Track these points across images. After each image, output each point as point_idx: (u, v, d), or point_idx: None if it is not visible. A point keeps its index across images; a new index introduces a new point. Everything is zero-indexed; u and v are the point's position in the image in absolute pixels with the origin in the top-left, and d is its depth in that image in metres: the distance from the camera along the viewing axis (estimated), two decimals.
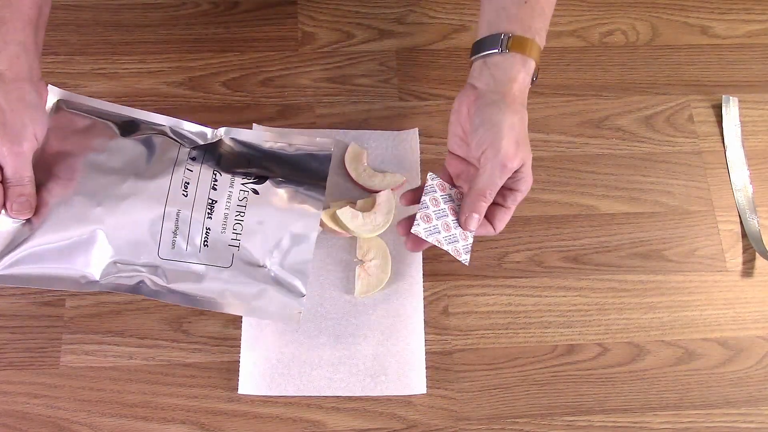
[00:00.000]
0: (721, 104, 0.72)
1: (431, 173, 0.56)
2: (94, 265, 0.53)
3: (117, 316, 0.61)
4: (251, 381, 0.59)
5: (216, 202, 0.55)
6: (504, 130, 0.51)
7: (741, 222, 0.67)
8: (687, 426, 0.60)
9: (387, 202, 0.63)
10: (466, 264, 0.55)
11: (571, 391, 0.61)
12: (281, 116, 0.68)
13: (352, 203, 0.63)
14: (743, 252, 0.66)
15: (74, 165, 0.54)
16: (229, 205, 0.55)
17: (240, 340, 0.60)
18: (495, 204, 0.55)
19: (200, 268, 0.54)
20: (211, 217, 0.54)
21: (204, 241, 0.54)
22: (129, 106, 0.68)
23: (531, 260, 0.65)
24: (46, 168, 0.54)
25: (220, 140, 0.59)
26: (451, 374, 0.61)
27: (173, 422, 0.58)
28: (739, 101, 0.72)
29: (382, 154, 0.67)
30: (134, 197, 0.53)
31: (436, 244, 0.54)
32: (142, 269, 0.54)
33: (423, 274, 0.63)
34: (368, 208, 0.63)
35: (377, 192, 0.64)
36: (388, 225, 0.63)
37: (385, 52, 0.72)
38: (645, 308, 0.64)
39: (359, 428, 0.59)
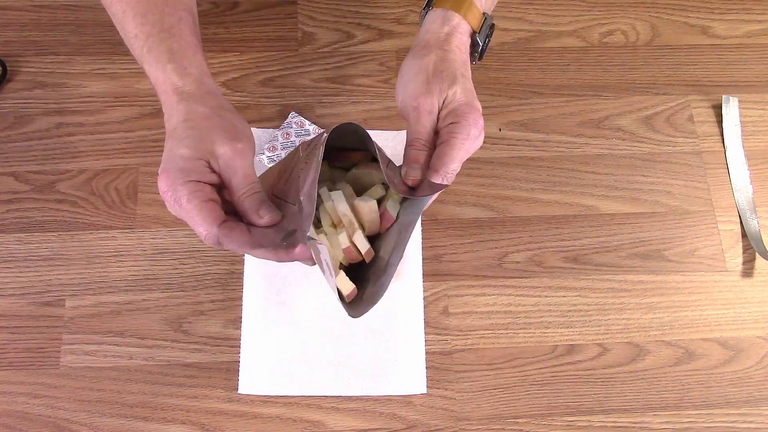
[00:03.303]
0: (721, 104, 0.72)
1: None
2: None
3: (117, 316, 0.61)
4: (251, 381, 0.59)
5: None
6: (409, 75, 0.51)
7: (741, 222, 0.67)
8: (687, 426, 0.60)
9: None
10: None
11: (571, 391, 0.61)
12: (281, 116, 0.68)
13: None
14: (743, 252, 0.66)
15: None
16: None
17: (240, 340, 0.60)
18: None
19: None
20: None
21: None
22: (128, 106, 0.68)
23: (531, 260, 0.65)
24: None
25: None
26: (451, 374, 0.61)
27: (173, 422, 0.58)
28: (739, 101, 0.72)
29: None
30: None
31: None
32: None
33: (423, 274, 0.63)
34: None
35: None
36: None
37: (385, 52, 0.72)
38: (645, 308, 0.64)
39: (359, 428, 0.59)
